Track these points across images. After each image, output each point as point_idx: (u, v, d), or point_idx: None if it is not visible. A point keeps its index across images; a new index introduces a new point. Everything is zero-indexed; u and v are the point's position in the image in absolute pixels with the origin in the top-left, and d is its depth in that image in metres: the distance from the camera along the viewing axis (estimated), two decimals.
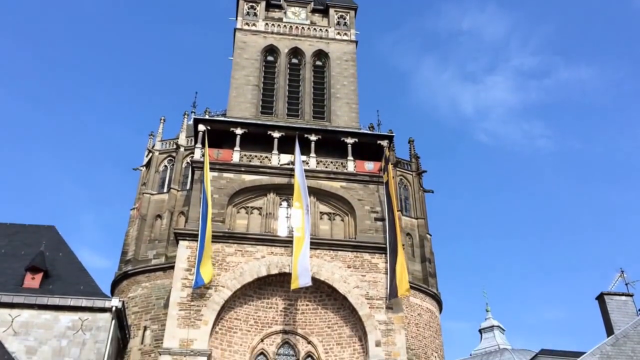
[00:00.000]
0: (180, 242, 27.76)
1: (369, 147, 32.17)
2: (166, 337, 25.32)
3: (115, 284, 31.27)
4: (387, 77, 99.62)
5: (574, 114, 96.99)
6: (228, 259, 27.59)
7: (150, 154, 35.61)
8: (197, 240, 27.19)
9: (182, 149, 35.10)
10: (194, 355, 24.87)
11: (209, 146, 30.06)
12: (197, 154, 30.63)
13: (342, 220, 30.42)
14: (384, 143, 31.91)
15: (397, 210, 31.42)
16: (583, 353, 22.11)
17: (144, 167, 35.88)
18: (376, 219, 29.95)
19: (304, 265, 26.76)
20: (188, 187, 32.78)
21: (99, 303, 25.34)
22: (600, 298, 24.13)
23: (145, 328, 28.62)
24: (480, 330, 41.06)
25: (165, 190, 33.62)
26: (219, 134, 31.21)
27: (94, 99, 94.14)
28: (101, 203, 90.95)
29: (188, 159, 33.96)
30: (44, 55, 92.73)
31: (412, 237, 34.13)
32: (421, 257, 33.66)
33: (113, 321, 25.13)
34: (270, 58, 35.46)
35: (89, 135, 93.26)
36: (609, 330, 23.26)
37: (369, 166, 31.39)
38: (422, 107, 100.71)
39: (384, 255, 28.63)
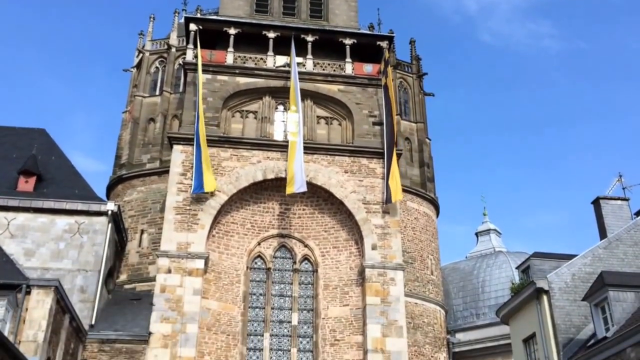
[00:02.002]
0: (175, 147, 27.35)
1: (368, 48, 31.08)
2: (163, 241, 25.52)
3: (110, 188, 31.14)
4: None
5: (581, 13, 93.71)
6: (224, 164, 27.32)
7: (141, 55, 34.33)
8: (191, 145, 26.84)
9: (173, 50, 33.82)
10: (191, 258, 25.16)
11: (202, 47, 28.95)
12: (189, 55, 29.59)
13: (340, 124, 29.94)
14: (384, 44, 30.79)
15: (396, 114, 30.81)
16: (576, 256, 22.34)
17: (135, 69, 34.70)
18: (374, 124, 29.47)
19: (299, 171, 26.54)
20: (181, 89, 31.92)
21: (94, 207, 25.30)
22: (596, 202, 24.10)
23: (142, 231, 28.80)
24: (476, 234, 41.73)
25: (157, 92, 32.71)
26: (212, 34, 29.99)
27: None
28: (92, 106, 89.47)
29: (180, 60, 32.82)
30: None
31: (411, 142, 33.73)
32: (420, 162, 33.43)
33: (109, 224, 25.21)
34: None
35: (77, 34, 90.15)
36: (603, 234, 23.42)
37: (368, 68, 30.46)
38: (424, 6, 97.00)
39: (381, 160, 28.39)
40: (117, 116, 34.05)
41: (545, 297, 20.88)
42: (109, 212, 25.22)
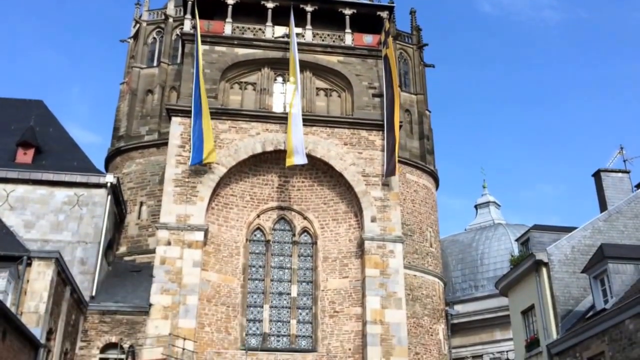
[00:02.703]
0: (173, 119, 27.15)
1: (368, 18, 30.72)
2: (163, 213, 25.49)
3: (108, 160, 30.94)
4: None
5: None
6: (222, 136, 27.16)
7: (138, 25, 33.81)
8: (190, 117, 26.64)
9: (170, 20, 33.29)
10: (191, 230, 25.17)
11: (199, 17, 28.52)
12: (187, 26, 29.24)
13: (339, 96, 29.74)
14: (384, 14, 30.44)
15: (397, 86, 30.53)
16: (575, 228, 22.35)
17: (132, 39, 34.20)
18: (374, 95, 29.30)
19: (298, 143, 26.41)
20: (179, 60, 31.53)
21: (93, 179, 25.20)
22: (597, 175, 24.02)
23: (141, 204, 28.71)
24: (476, 206, 41.73)
25: (155, 64, 32.29)
26: (209, 4, 29.56)
27: None
28: (88, 77, 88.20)
29: (177, 31, 32.38)
30: None
31: (411, 114, 33.49)
32: (419, 134, 33.26)
33: (109, 197, 25.14)
34: None
35: (73, 4, 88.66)
36: (603, 207, 23.40)
37: (368, 39, 30.14)
38: None
39: (381, 132, 28.27)
40: (115, 88, 33.86)
41: (544, 270, 20.95)
42: (108, 184, 25.13)
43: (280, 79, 29.57)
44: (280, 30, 29.56)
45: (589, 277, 19.44)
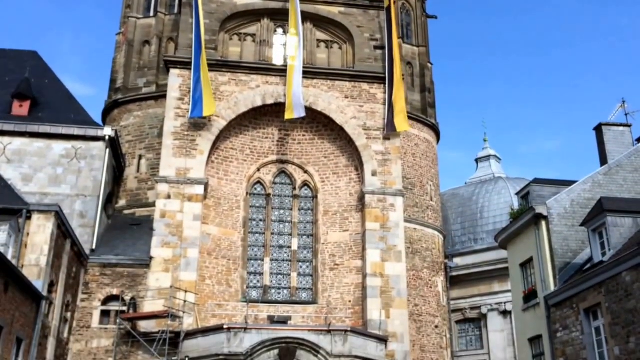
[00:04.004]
0: (172, 71, 26.74)
1: None
2: (162, 166, 25.40)
3: (106, 113, 30.61)
4: None
5: None
6: (222, 89, 26.81)
7: None
8: (189, 69, 26.24)
9: None
10: (190, 184, 25.13)
11: None
12: None
13: (340, 48, 29.23)
14: None
15: (398, 38, 29.99)
16: (575, 182, 22.26)
17: None
18: (376, 47, 28.79)
19: (298, 96, 26.08)
20: (176, 10, 30.82)
21: (91, 132, 25.02)
22: (598, 129, 23.76)
23: (140, 157, 28.53)
24: (476, 160, 41.55)
25: (151, 14, 31.49)
26: None
27: None
28: (83, 27, 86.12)
29: None
30: None
31: (413, 66, 32.95)
32: (421, 87, 32.80)
33: (107, 150, 25.00)
34: None
35: None
36: (604, 161, 23.24)
37: None
38: None
39: (382, 85, 27.90)
40: (109, 38, 33.33)
41: (543, 223, 20.94)
42: (107, 137, 24.96)
43: (280, 30, 29.00)
44: None
45: (587, 230, 19.44)
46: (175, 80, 26.54)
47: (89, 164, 24.55)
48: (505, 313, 31.43)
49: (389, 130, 27.05)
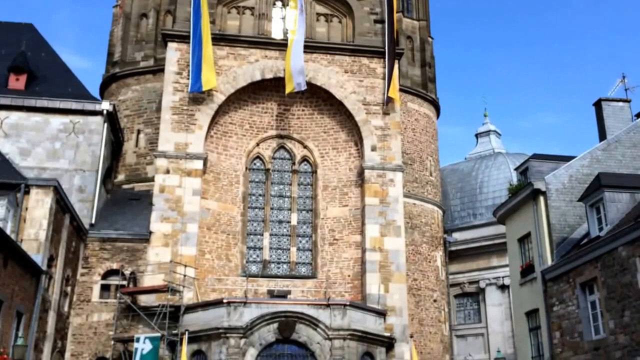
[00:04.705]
0: (169, 44, 26.48)
1: None
2: (161, 141, 25.32)
3: (103, 87, 30.42)
4: None
5: None
6: (220, 63, 26.59)
7: None
8: (187, 42, 25.97)
9: None
10: (190, 159, 25.09)
11: None
12: None
13: (340, 22, 28.88)
14: None
15: (398, 12, 29.65)
16: (574, 157, 22.22)
17: None
18: (375, 21, 28.45)
19: (298, 69, 25.88)
20: None
21: (89, 106, 24.89)
22: (598, 104, 23.67)
23: (138, 131, 28.42)
24: (476, 135, 41.40)
25: None
26: None
27: None
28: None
29: None
30: None
31: (413, 41, 32.60)
32: (421, 62, 32.50)
33: (105, 124, 24.90)
34: None
35: None
36: (603, 136, 23.19)
37: None
38: None
39: (382, 59, 27.64)
40: (106, 11, 32.93)
41: (542, 198, 20.97)
42: (105, 112, 24.84)
43: (279, 3, 28.66)
44: None
45: (585, 205, 19.46)
46: (173, 54, 26.31)
47: (87, 139, 24.48)
48: (503, 287, 31.64)
49: (388, 101, 26.86)
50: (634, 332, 15.85)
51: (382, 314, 23.97)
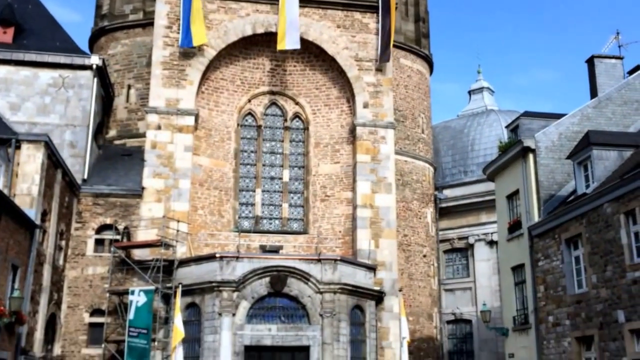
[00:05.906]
0: None
1: None
2: (151, 97, 25.16)
3: (92, 41, 29.93)
4: None
5: None
6: (211, 17, 26.20)
7: None
8: None
9: None
10: (181, 115, 25.00)
11: None
12: None
13: None
14: None
15: None
16: (565, 115, 22.30)
17: None
18: None
19: (292, 25, 25.53)
20: None
21: (78, 60, 24.56)
22: (590, 61, 23.56)
23: (129, 87, 28.15)
24: (469, 92, 41.31)
25: None
26: None
27: None
28: None
29: None
30: None
31: None
32: (415, 16, 32.10)
33: (95, 79, 24.62)
34: None
35: None
36: (594, 94, 23.21)
37: None
38: None
39: (375, 14, 27.30)
40: None
41: (531, 156, 21.15)
42: (94, 66, 24.53)
43: None
44: None
45: (573, 162, 19.67)
46: (163, 7, 25.89)
47: (77, 94, 24.26)
48: (491, 243, 32.18)
49: (383, 60, 26.71)
50: (615, 287, 16.31)
51: (372, 268, 24.44)
